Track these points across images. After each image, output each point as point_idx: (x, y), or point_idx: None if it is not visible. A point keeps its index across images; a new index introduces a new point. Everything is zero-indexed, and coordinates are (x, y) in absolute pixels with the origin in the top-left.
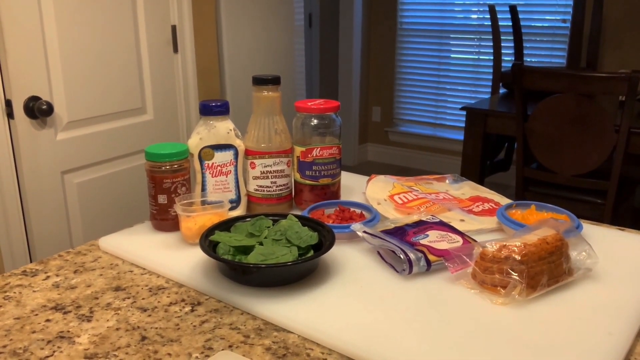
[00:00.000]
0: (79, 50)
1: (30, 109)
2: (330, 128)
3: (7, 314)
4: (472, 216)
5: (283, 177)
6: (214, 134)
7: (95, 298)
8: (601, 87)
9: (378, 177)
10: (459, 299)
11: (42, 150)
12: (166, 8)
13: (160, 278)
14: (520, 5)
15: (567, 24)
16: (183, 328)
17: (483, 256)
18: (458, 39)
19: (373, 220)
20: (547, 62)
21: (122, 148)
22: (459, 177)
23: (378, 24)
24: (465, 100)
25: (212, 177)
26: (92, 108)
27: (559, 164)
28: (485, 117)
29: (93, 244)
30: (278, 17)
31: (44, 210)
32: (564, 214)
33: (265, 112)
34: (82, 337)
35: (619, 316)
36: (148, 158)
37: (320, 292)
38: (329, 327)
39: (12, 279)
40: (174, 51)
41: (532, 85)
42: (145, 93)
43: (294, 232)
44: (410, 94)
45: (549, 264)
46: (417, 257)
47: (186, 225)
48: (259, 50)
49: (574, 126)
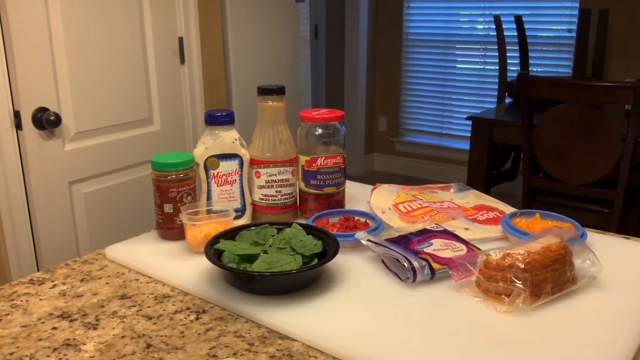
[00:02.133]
0: (86, 62)
1: (38, 120)
2: (335, 137)
3: (14, 322)
4: (477, 225)
5: (288, 186)
6: (220, 143)
7: (101, 306)
8: (607, 96)
9: (383, 186)
10: (463, 307)
11: (49, 160)
12: (173, 20)
13: (165, 286)
14: (525, 15)
15: (572, 33)
16: (188, 336)
17: (487, 264)
18: (464, 49)
19: (377, 228)
20: (553, 71)
21: (129, 158)
22: (463, 185)
23: (383, 34)
24: (471, 110)
25: (218, 186)
26: (100, 119)
27: (566, 173)
28: (491, 127)
29: (99, 252)
30: (284, 29)
31: (51, 220)
32: (568, 222)
33: (270, 121)
34: (88, 344)
35: (623, 324)
36: (154, 167)
37: (325, 300)
38: (333, 335)
39: (19, 287)
40: (181, 62)
41: (537, 94)
42: (152, 104)
43: (298, 241)
44: (416, 103)
45: (553, 272)
46: (421, 266)
47: (192, 234)
48: (264, 61)
49: (580, 135)
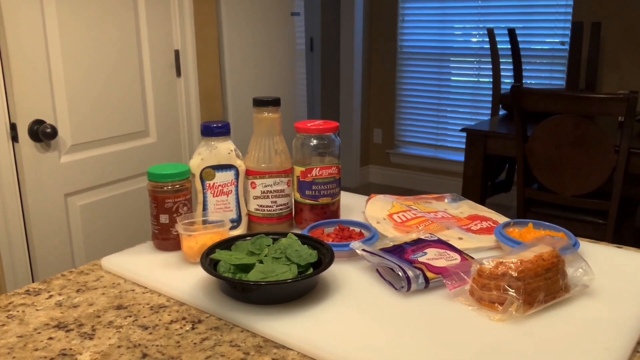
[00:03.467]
0: (83, 75)
1: (34, 132)
2: (330, 148)
3: (11, 332)
4: (470, 234)
5: (283, 196)
6: (215, 154)
7: (97, 316)
8: (600, 108)
9: (377, 196)
10: (457, 316)
11: (46, 173)
12: (169, 33)
13: (161, 297)
14: (518, 28)
15: (565, 46)
16: (184, 345)
17: (480, 273)
18: (458, 61)
19: (372, 238)
20: (547, 84)
21: (125, 171)
22: (457, 196)
23: (379, 47)
24: (466, 122)
25: (214, 196)
26: (96, 131)
27: (560, 184)
28: (486, 139)
29: (95, 263)
30: (280, 41)
31: (46, 232)
32: (561, 231)
33: (266, 133)
34: (84, 354)
35: (616, 332)
36: (150, 178)
37: (320, 310)
38: (327, 344)
39: (15, 298)
40: (177, 75)
41: (531, 106)
42: (149, 116)
43: (293, 251)
44: (411, 115)
45: (546, 281)
46: (416, 275)
47: (187, 245)
48: (261, 74)
49: (574, 147)
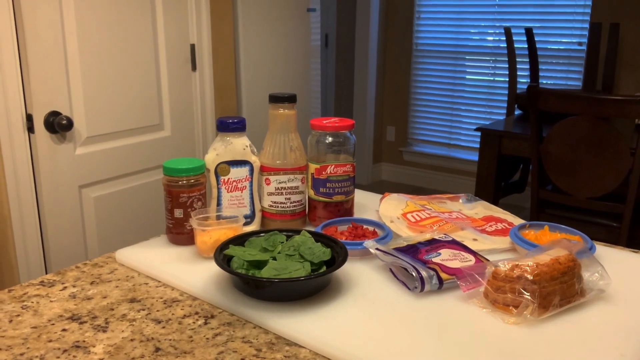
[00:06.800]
0: (99, 67)
1: (50, 123)
2: (345, 146)
3: (25, 323)
4: (485, 236)
5: (297, 193)
6: (230, 150)
7: (110, 309)
8: (616, 110)
9: (391, 195)
10: (471, 318)
11: (60, 164)
12: (186, 27)
13: (174, 291)
14: (536, 27)
15: (583, 46)
16: (196, 340)
17: (495, 275)
18: (473, 60)
19: (386, 237)
20: (563, 84)
21: (140, 163)
22: (472, 196)
23: (394, 45)
24: (480, 121)
25: (228, 192)
26: (111, 124)
27: (574, 186)
28: (500, 138)
29: (110, 256)
30: (295, 37)
31: (60, 223)
32: (577, 235)
33: (281, 129)
34: (97, 347)
35: (631, 337)
36: (166, 172)
37: (332, 308)
38: (340, 342)
39: (30, 289)
40: (192, 69)
41: (547, 107)
42: (163, 110)
43: (307, 248)
44: (425, 114)
45: (562, 284)
46: (430, 275)
47: (201, 239)
48: (275, 69)
49: (590, 149)
